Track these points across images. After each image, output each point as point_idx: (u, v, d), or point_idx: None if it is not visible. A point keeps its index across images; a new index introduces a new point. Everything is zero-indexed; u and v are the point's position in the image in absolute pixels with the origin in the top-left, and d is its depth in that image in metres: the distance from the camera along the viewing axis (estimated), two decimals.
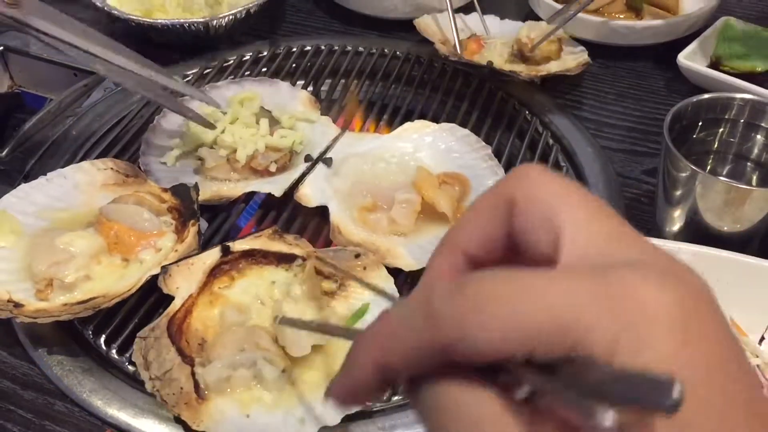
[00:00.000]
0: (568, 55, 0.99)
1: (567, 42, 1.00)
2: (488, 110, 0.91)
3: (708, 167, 0.77)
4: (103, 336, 0.66)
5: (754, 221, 0.67)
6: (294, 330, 0.60)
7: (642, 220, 0.78)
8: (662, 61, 1.00)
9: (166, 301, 0.65)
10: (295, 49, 1.03)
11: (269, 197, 0.78)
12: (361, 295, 0.66)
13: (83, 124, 0.92)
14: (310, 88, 0.96)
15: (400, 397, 0.61)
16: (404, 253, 0.70)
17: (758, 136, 0.74)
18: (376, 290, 0.35)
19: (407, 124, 0.85)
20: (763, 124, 0.74)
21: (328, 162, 0.81)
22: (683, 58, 0.94)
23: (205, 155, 0.80)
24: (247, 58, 1.01)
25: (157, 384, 0.59)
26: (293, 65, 1.01)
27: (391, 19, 1.10)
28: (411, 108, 0.93)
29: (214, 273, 0.67)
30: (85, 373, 0.64)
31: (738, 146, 0.75)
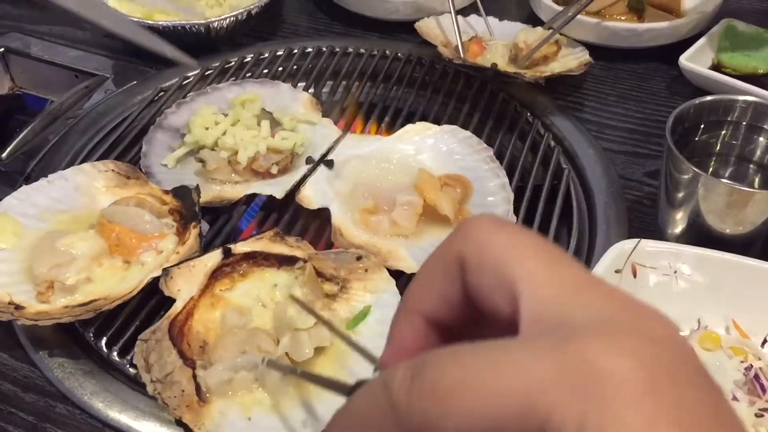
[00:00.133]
0: (569, 56, 0.99)
1: (566, 43, 1.00)
2: (490, 112, 0.91)
3: (710, 169, 0.77)
4: (105, 338, 0.66)
5: (756, 223, 0.67)
6: (296, 333, 0.60)
7: (644, 222, 0.78)
8: (664, 63, 1.00)
9: (167, 303, 0.65)
10: (296, 51, 1.03)
11: (270, 199, 0.78)
12: (363, 298, 0.66)
13: (84, 125, 0.92)
14: (312, 90, 0.96)
15: None
16: (406, 255, 0.70)
17: (761, 138, 0.74)
18: (357, 349, 0.35)
19: (409, 126, 0.85)
20: (765, 126, 0.73)
21: (330, 164, 0.81)
22: (685, 60, 0.94)
23: (207, 157, 0.80)
24: (249, 59, 1.01)
25: (158, 387, 0.59)
26: (294, 67, 1.01)
27: (393, 20, 1.10)
28: (412, 110, 0.92)
29: (216, 275, 0.67)
30: (86, 376, 0.64)
31: (740, 148, 0.75)
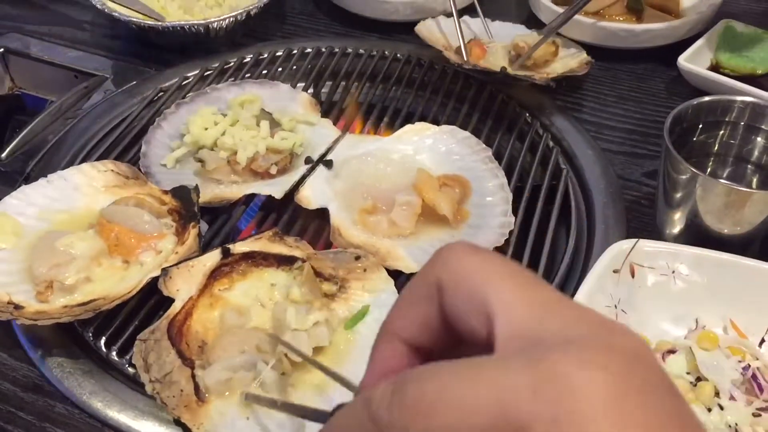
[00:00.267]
0: (568, 57, 0.99)
1: (563, 44, 1.00)
2: (489, 112, 0.91)
3: (708, 170, 0.77)
4: (104, 338, 0.66)
5: (754, 224, 0.67)
6: (295, 334, 0.60)
7: (642, 222, 0.78)
8: (663, 64, 1.01)
9: (166, 303, 0.65)
10: (295, 51, 1.03)
11: (269, 199, 0.78)
12: (362, 297, 0.66)
13: (83, 126, 0.93)
14: (311, 91, 0.96)
15: None
16: (404, 255, 0.70)
17: (758, 139, 0.74)
18: (336, 378, 0.35)
19: (407, 127, 0.85)
20: (763, 126, 0.73)
21: (329, 164, 0.81)
22: (684, 61, 0.94)
23: (206, 157, 0.81)
24: (248, 60, 1.01)
25: (157, 386, 0.59)
26: (294, 67, 1.01)
27: (392, 21, 1.10)
28: (411, 110, 0.93)
29: (215, 275, 0.67)
30: (85, 375, 0.64)
31: (738, 149, 0.75)
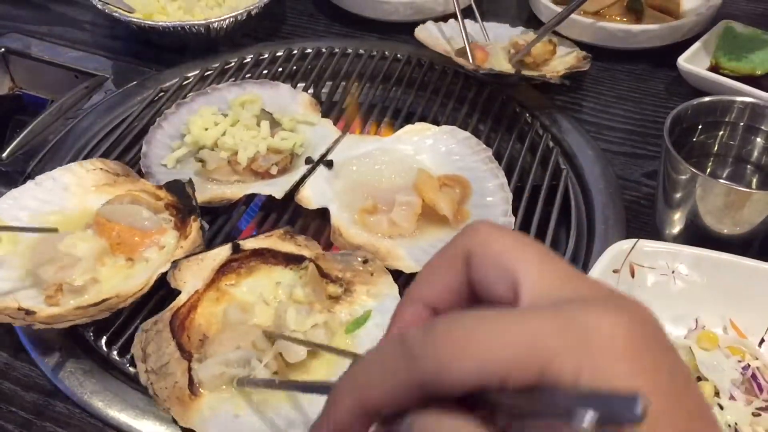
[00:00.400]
0: (565, 56, 0.99)
1: (558, 43, 1.00)
2: (489, 113, 0.91)
3: (708, 170, 0.77)
4: (104, 338, 0.66)
5: (754, 224, 0.67)
6: (292, 334, 0.60)
7: (642, 222, 0.79)
8: (662, 64, 1.01)
9: (168, 302, 0.65)
10: (296, 52, 1.03)
11: (270, 199, 0.79)
12: (365, 302, 0.66)
13: (84, 126, 0.93)
14: (311, 91, 0.97)
15: None
16: (405, 254, 0.70)
17: (758, 139, 0.74)
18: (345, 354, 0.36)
19: (408, 127, 0.85)
20: (762, 127, 0.74)
21: (329, 164, 0.81)
22: (683, 61, 0.94)
23: (206, 157, 0.81)
24: (248, 60, 1.02)
25: (152, 377, 0.58)
26: (294, 68, 1.01)
27: (392, 21, 1.10)
28: (411, 110, 0.93)
29: (223, 270, 0.67)
30: (86, 375, 0.64)
31: (738, 149, 0.76)
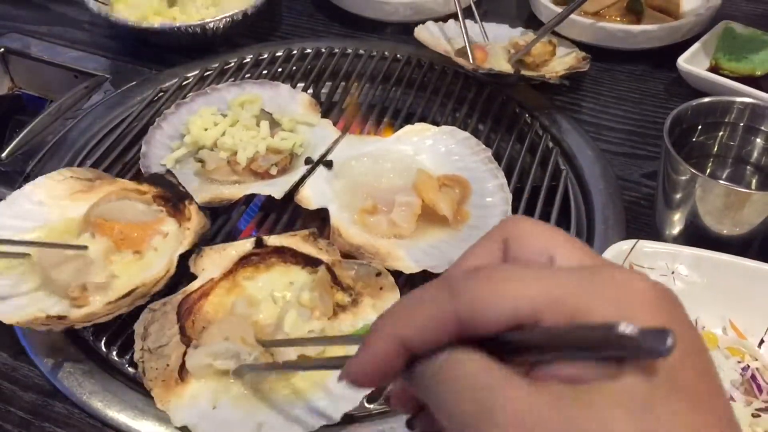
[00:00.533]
0: (565, 56, 0.99)
1: (558, 43, 1.00)
2: (488, 113, 0.91)
3: (708, 170, 0.77)
4: (104, 338, 0.66)
5: (753, 224, 0.67)
6: (283, 338, 0.60)
7: (642, 223, 0.79)
8: (662, 65, 1.01)
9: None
10: (295, 52, 1.03)
11: (269, 199, 0.78)
12: (369, 316, 0.65)
13: (83, 126, 0.93)
14: (311, 91, 0.97)
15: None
16: (404, 255, 0.70)
17: (758, 140, 0.74)
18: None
19: (407, 127, 0.85)
20: (762, 127, 0.74)
21: (329, 164, 0.81)
22: (683, 62, 0.94)
23: (206, 157, 0.81)
24: (248, 60, 1.02)
25: (146, 355, 0.59)
26: (293, 68, 1.01)
27: (392, 22, 1.10)
28: (411, 111, 0.93)
29: (242, 262, 0.68)
30: (85, 375, 0.64)
31: (738, 149, 0.76)
